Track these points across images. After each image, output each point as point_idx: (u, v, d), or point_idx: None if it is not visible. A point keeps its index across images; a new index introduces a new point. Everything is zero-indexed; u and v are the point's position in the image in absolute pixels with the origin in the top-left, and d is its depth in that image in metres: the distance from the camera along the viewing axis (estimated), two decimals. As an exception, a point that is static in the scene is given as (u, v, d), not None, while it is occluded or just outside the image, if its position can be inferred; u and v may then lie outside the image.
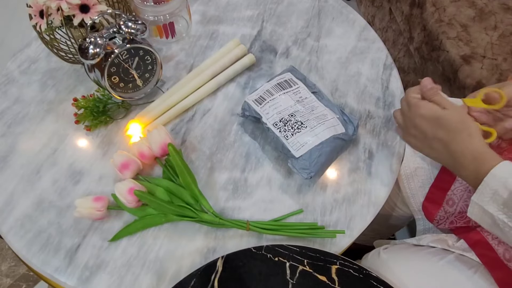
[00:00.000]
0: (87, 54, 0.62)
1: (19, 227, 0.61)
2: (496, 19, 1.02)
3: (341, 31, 0.83)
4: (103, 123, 0.70)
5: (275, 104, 0.68)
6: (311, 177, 0.62)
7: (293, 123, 0.65)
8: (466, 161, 0.53)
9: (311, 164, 0.62)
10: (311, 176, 0.62)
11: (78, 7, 0.64)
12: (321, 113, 0.66)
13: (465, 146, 0.53)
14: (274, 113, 0.67)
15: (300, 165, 0.62)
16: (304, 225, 0.61)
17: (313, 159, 0.62)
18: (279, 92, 0.69)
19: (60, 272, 0.58)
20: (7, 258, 1.22)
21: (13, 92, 0.75)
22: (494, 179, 0.51)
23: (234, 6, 0.87)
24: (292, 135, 0.64)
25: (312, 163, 0.62)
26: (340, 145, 0.66)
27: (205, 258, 0.59)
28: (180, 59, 0.79)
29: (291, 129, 0.65)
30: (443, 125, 0.54)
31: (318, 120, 0.65)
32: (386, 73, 0.78)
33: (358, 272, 0.55)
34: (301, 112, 0.67)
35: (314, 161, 0.62)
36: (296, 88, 0.70)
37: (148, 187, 0.62)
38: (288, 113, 0.66)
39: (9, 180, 0.65)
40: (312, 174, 0.62)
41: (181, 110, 0.72)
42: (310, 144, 0.63)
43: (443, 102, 0.55)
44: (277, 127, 0.65)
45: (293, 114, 0.66)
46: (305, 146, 0.63)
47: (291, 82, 0.70)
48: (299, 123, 0.65)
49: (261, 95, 0.69)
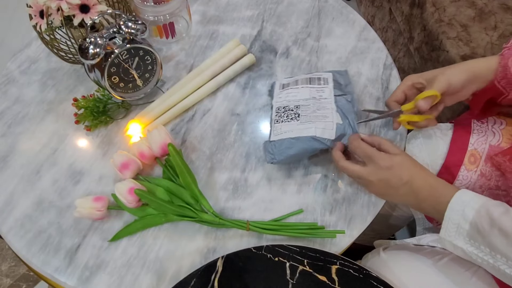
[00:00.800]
0: (87, 54, 0.62)
1: (19, 227, 0.61)
2: (496, 19, 1.02)
3: (341, 31, 0.83)
4: (103, 123, 0.70)
5: (293, 92, 0.70)
6: (273, 163, 0.65)
7: (292, 113, 0.67)
8: (425, 194, 0.55)
9: (278, 151, 0.63)
10: (272, 162, 0.64)
11: (78, 7, 0.64)
12: (323, 114, 0.66)
13: (425, 180, 0.56)
14: (284, 100, 0.69)
15: (269, 148, 0.65)
16: (304, 225, 0.61)
17: (282, 149, 0.63)
18: (305, 84, 0.70)
19: (60, 272, 0.58)
20: (7, 258, 1.22)
21: (13, 92, 0.75)
22: (452, 212, 0.52)
23: (234, 6, 0.87)
24: (281, 122, 0.66)
25: (279, 152, 0.63)
26: (317, 148, 0.64)
27: (205, 258, 0.59)
28: (180, 59, 0.79)
29: (285, 117, 0.67)
30: (403, 167, 0.56)
31: (315, 118, 0.66)
32: (386, 73, 0.78)
33: (358, 272, 0.55)
34: (306, 107, 0.67)
35: (282, 150, 0.63)
36: (323, 87, 0.70)
37: (148, 187, 0.62)
38: (295, 104, 0.68)
39: (9, 180, 0.65)
40: (275, 161, 0.64)
41: (181, 110, 0.72)
42: (288, 135, 0.64)
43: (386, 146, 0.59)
44: (278, 111, 0.68)
45: (298, 106, 0.67)
46: (283, 134, 0.65)
47: (323, 80, 0.71)
48: (296, 114, 0.66)
49: (289, 82, 0.72)
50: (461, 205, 0.51)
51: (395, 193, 0.57)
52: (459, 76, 0.60)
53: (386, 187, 0.57)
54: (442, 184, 0.56)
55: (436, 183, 0.56)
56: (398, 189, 0.56)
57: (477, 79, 0.60)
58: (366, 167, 0.58)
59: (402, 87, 0.64)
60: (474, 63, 0.61)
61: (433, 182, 0.56)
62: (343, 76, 0.72)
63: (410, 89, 0.64)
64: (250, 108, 0.73)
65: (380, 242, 0.75)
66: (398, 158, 0.57)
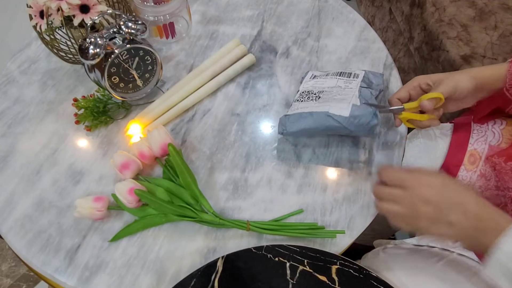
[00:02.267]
0: (87, 54, 0.62)
1: (19, 227, 0.61)
2: (496, 19, 1.02)
3: (341, 31, 0.83)
4: (103, 123, 0.70)
5: (320, 81, 0.70)
6: (283, 134, 0.66)
7: (314, 96, 0.67)
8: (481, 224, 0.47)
9: (290, 124, 0.64)
10: (283, 133, 0.65)
11: (78, 7, 0.64)
12: (342, 98, 0.65)
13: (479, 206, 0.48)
14: (310, 86, 0.70)
15: (282, 120, 0.66)
16: (304, 225, 0.61)
17: (294, 122, 0.64)
18: (334, 76, 0.71)
19: (60, 272, 0.58)
20: (7, 258, 1.22)
21: (13, 92, 0.75)
22: (502, 254, 0.45)
23: (234, 6, 0.87)
24: (300, 101, 0.67)
25: (291, 124, 0.64)
26: (330, 125, 0.62)
27: (205, 258, 0.59)
28: (180, 59, 0.79)
29: (306, 98, 0.67)
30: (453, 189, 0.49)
31: (333, 100, 0.65)
32: (386, 73, 0.78)
33: (358, 272, 0.55)
34: (329, 93, 0.67)
35: (294, 123, 0.64)
36: (351, 80, 0.69)
37: (148, 187, 0.62)
38: (319, 90, 0.68)
39: (9, 180, 0.65)
40: (285, 132, 0.65)
41: (181, 110, 0.72)
42: (302, 110, 0.65)
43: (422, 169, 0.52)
44: (301, 94, 0.69)
45: (321, 91, 0.67)
46: (298, 110, 0.65)
47: (354, 75, 0.70)
48: (317, 97, 0.67)
49: (320, 74, 0.73)
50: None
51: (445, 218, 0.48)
52: (466, 83, 0.59)
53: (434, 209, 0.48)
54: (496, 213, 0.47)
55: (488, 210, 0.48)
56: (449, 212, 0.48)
57: (485, 88, 0.60)
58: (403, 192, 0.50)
59: (408, 87, 0.64)
60: (482, 71, 0.60)
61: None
62: (377, 77, 0.70)
63: (415, 89, 0.64)
64: (250, 108, 0.73)
65: (380, 242, 0.76)
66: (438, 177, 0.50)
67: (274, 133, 0.71)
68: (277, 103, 0.74)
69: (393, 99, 0.65)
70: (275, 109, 0.73)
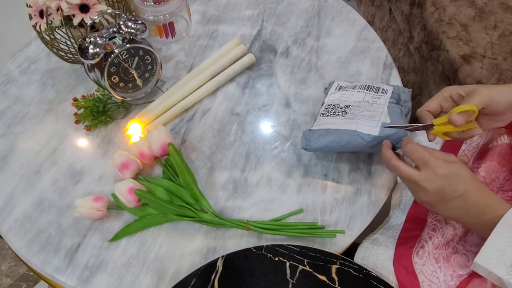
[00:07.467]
0: (87, 54, 0.62)
1: (19, 227, 0.61)
2: (496, 19, 1.02)
3: (341, 30, 0.83)
4: (103, 123, 0.70)
5: (347, 94, 0.68)
6: (306, 150, 0.63)
7: (340, 110, 0.65)
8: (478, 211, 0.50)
9: (314, 139, 0.62)
10: (306, 148, 0.63)
11: (78, 7, 0.64)
12: (371, 114, 0.63)
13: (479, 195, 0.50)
14: (337, 99, 0.68)
15: (306, 135, 0.64)
16: (304, 225, 0.61)
17: (318, 137, 0.62)
18: (362, 90, 0.68)
19: (60, 272, 0.58)
20: (7, 258, 1.22)
21: (13, 92, 0.75)
22: (498, 237, 0.46)
23: (234, 6, 0.87)
24: (326, 116, 0.65)
25: (315, 139, 0.62)
26: (355, 142, 0.61)
27: (205, 258, 0.59)
28: (180, 59, 0.79)
29: (332, 113, 0.65)
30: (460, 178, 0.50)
31: (361, 117, 0.63)
32: (386, 73, 0.78)
33: (358, 271, 0.55)
34: (356, 108, 0.65)
35: (318, 139, 0.62)
36: (379, 95, 0.67)
37: (148, 187, 0.62)
38: (345, 104, 0.66)
39: (9, 180, 0.65)
40: (309, 148, 0.63)
41: (181, 110, 0.72)
42: (328, 126, 0.63)
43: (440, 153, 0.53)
44: (327, 107, 0.67)
45: (348, 106, 0.66)
46: (324, 125, 0.63)
47: (382, 90, 0.68)
48: (344, 112, 0.65)
49: (347, 85, 0.70)
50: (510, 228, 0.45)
51: (444, 205, 0.51)
52: (507, 95, 0.52)
53: (438, 197, 0.51)
54: (498, 203, 0.49)
55: (492, 201, 0.49)
56: (450, 202, 0.50)
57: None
58: (421, 172, 0.51)
59: (438, 98, 0.57)
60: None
61: (489, 200, 0.49)
62: (405, 93, 0.68)
63: (446, 100, 0.57)
64: (250, 108, 0.73)
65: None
66: (456, 166, 0.51)
67: (274, 133, 0.71)
68: (276, 102, 0.74)
69: (423, 112, 0.58)
70: (275, 109, 0.73)
